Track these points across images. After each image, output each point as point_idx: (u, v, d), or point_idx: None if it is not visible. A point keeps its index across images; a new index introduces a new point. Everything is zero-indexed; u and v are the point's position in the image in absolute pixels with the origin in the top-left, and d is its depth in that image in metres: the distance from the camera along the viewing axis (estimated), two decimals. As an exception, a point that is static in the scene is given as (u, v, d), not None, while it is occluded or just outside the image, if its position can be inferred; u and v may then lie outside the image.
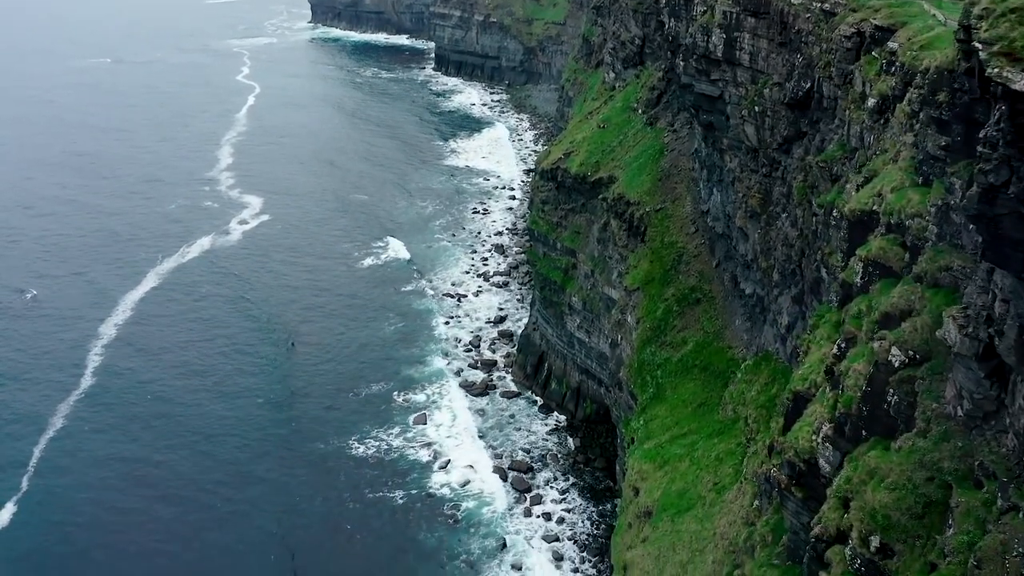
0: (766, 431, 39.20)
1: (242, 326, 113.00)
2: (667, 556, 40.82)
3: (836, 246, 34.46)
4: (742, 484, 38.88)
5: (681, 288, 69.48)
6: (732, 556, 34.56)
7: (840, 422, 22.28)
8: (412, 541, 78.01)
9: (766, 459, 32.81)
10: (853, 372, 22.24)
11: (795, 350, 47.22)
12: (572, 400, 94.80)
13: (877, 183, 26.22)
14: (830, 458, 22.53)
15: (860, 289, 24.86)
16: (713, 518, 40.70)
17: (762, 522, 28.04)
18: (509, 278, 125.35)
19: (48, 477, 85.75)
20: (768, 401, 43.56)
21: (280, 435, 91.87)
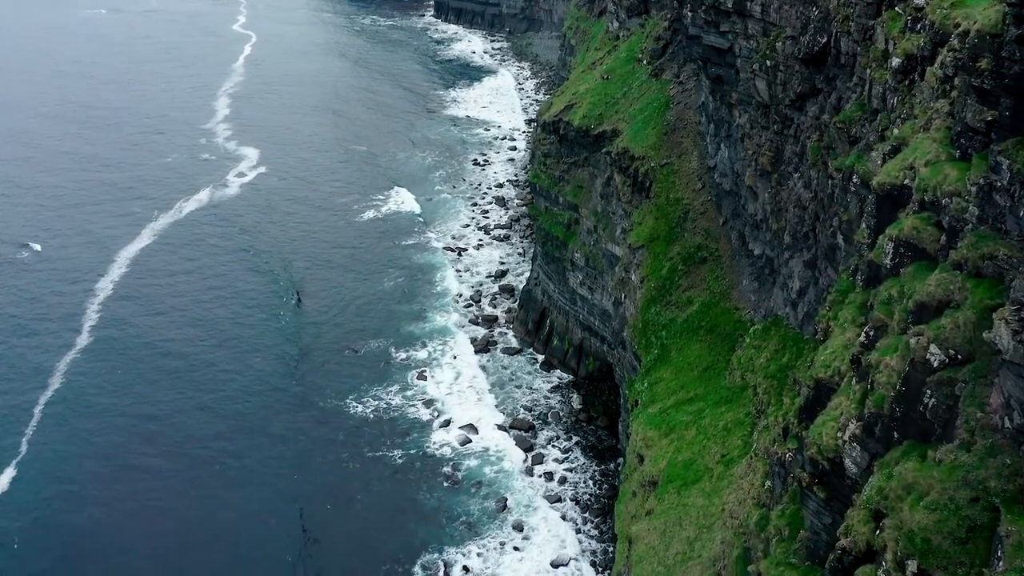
0: (778, 405, 37.68)
1: (241, 280, 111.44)
2: (673, 531, 39.59)
3: (857, 215, 32.64)
4: (752, 460, 37.51)
5: (687, 246, 67.62)
6: (742, 538, 33.26)
7: (870, 422, 20.64)
8: (412, 502, 77.12)
9: (780, 441, 31.32)
10: (885, 367, 20.54)
11: (807, 316, 45.57)
12: (574, 357, 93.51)
13: (908, 154, 24.31)
14: (857, 459, 20.96)
15: (890, 271, 23.09)
16: (721, 492, 39.43)
17: (777, 512, 26.61)
18: (510, 231, 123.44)
19: (50, 432, 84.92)
20: (779, 371, 42.04)
21: (279, 393, 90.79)
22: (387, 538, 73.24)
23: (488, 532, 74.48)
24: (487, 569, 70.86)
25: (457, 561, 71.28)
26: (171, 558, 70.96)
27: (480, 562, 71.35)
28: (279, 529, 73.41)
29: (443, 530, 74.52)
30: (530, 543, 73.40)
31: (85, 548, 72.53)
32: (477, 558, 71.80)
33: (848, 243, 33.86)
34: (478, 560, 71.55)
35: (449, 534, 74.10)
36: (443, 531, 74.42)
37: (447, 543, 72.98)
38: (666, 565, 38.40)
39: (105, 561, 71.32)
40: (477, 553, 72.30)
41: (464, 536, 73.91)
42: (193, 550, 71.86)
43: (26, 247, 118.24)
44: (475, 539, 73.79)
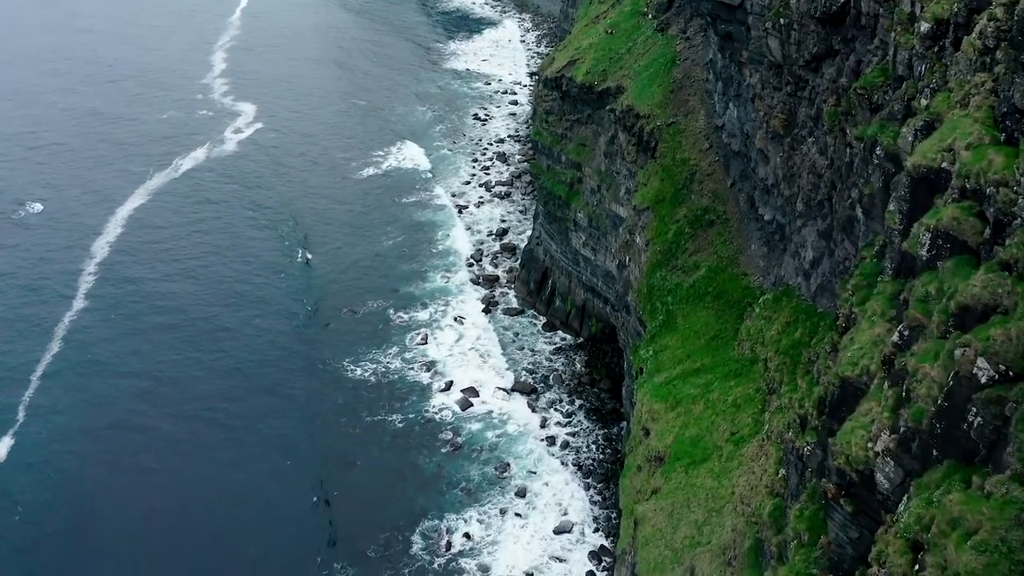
0: (791, 386, 36.15)
1: (240, 238, 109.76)
2: (681, 513, 38.27)
3: (880, 189, 30.72)
4: (764, 443, 36.07)
5: (694, 209, 65.63)
6: (754, 528, 31.89)
7: (906, 437, 18.94)
8: (412, 467, 76.04)
9: (797, 431, 29.79)
10: (925, 377, 18.79)
11: (820, 288, 43.84)
12: (577, 318, 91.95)
13: (946, 134, 22.38)
14: (891, 475, 19.32)
15: (925, 264, 21.27)
16: (730, 474, 38.04)
17: (795, 512, 25.11)
18: (511, 188, 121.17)
19: (51, 392, 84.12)
20: (792, 347, 40.38)
21: (279, 353, 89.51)
22: (387, 504, 72.24)
23: (489, 498, 73.49)
24: (488, 536, 69.95)
25: (458, 528, 70.35)
26: (169, 519, 70.03)
27: (481, 529, 70.40)
28: (277, 495, 72.40)
29: (443, 496, 73.49)
30: (532, 509, 72.43)
31: (87, 508, 71.76)
32: (478, 525, 70.86)
33: (869, 218, 32.04)
34: (479, 527, 70.61)
35: (450, 500, 73.09)
36: (443, 497, 73.40)
37: (447, 509, 72.02)
38: (673, 549, 37.14)
39: (106, 520, 70.48)
40: (478, 519, 71.35)
41: (465, 502, 72.91)
42: (192, 512, 70.94)
43: (26, 206, 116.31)
44: (476, 505, 72.80)
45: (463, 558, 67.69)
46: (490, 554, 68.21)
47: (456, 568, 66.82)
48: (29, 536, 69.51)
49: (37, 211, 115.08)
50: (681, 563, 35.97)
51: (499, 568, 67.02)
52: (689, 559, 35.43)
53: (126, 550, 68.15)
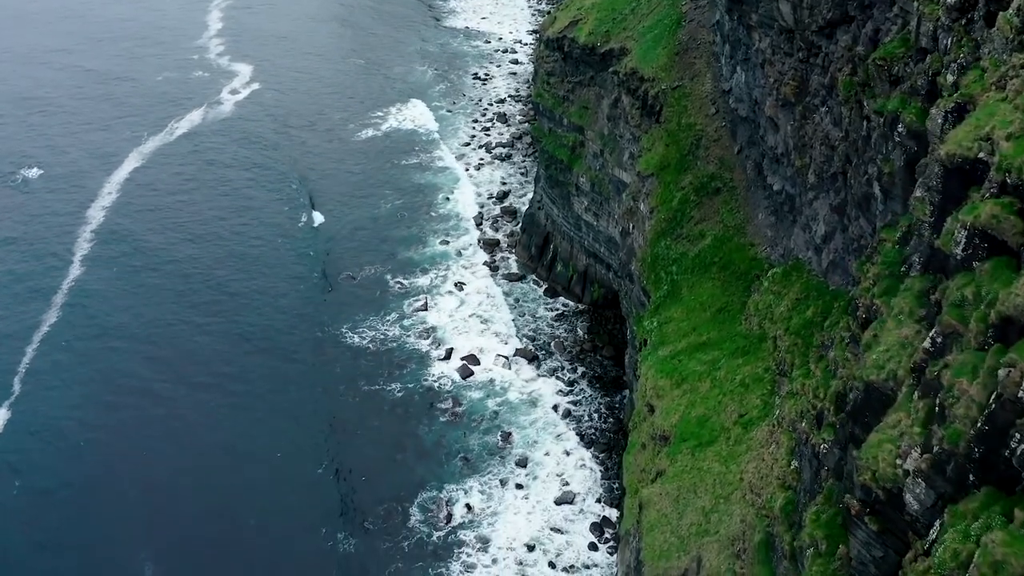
0: (803, 369, 34.75)
1: (239, 201, 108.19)
2: (687, 499, 37.13)
3: (902, 168, 29.15)
4: (775, 430, 34.81)
5: (699, 176, 63.86)
6: (765, 521, 30.73)
7: (940, 459, 17.54)
8: (411, 436, 75.06)
9: (811, 424, 28.49)
10: (963, 395, 17.31)
11: (832, 264, 42.35)
12: (579, 284, 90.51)
13: (982, 120, 20.74)
14: (921, 497, 17.92)
15: (960, 264, 19.74)
16: (739, 458, 36.83)
17: (811, 516, 23.82)
18: (512, 149, 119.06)
19: (53, 355, 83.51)
20: (803, 327, 38.93)
21: (276, 323, 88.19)
22: (387, 475, 71.35)
23: (490, 468, 72.57)
24: (488, 507, 69.09)
25: (458, 499, 69.50)
26: (169, 487, 69.21)
27: (482, 500, 69.53)
28: (278, 465, 71.45)
29: (444, 467, 72.57)
30: (533, 480, 71.53)
31: (88, 473, 71.10)
32: (479, 495, 69.99)
33: (889, 198, 30.48)
34: (480, 497, 69.74)
35: (450, 471, 72.16)
36: (444, 467, 72.48)
37: (448, 480, 71.10)
38: (679, 536, 36.05)
39: (107, 485, 69.86)
40: (479, 490, 70.48)
41: (465, 473, 72.00)
42: (190, 482, 69.92)
43: (24, 170, 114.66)
44: (476, 476, 71.89)
45: (463, 530, 66.91)
46: (490, 525, 67.41)
47: (456, 540, 66.05)
48: (31, 503, 68.86)
49: (36, 175, 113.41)
50: (687, 552, 34.90)
51: (499, 540, 66.26)
52: (696, 548, 34.35)
53: (126, 515, 67.37)
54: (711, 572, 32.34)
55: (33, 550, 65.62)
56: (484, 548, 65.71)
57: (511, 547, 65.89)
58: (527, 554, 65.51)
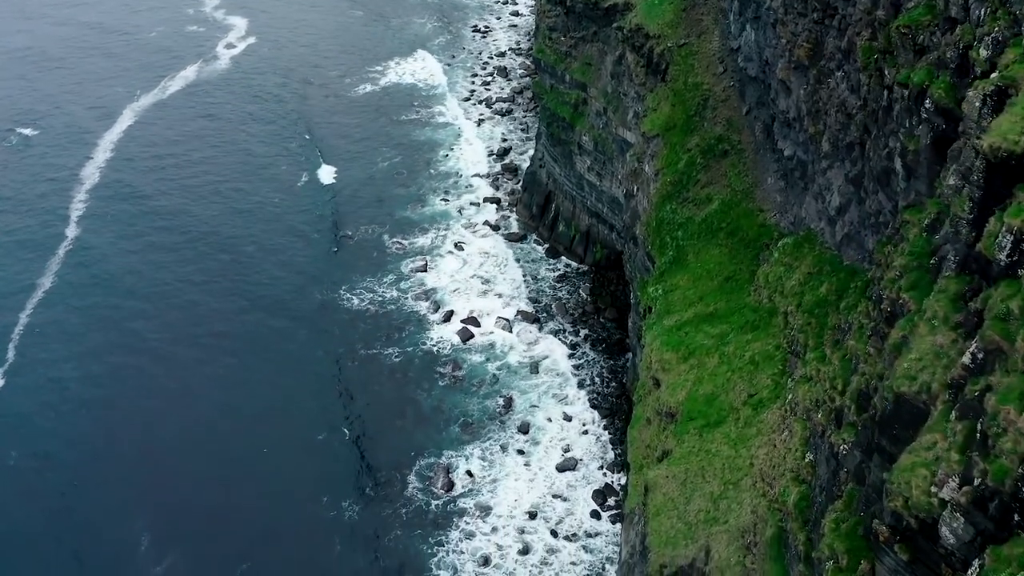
0: (818, 352, 33.26)
1: (236, 157, 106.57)
2: (695, 483, 35.91)
3: (928, 147, 27.38)
4: (787, 415, 33.43)
5: (706, 137, 61.87)
6: (777, 515, 29.48)
7: (983, 495, 16.09)
8: (411, 402, 73.99)
9: (828, 416, 27.10)
10: (1010, 427, 15.75)
11: (847, 238, 40.67)
12: (581, 244, 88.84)
13: (1027, 109, 19.07)
14: (959, 531, 16.46)
15: (1004, 271, 18.14)
16: (748, 442, 35.54)
17: (830, 524, 22.48)
18: (513, 104, 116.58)
19: (51, 314, 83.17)
20: (817, 305, 37.32)
21: (274, 284, 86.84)
22: (386, 441, 70.35)
23: (491, 434, 71.55)
24: (489, 474, 68.14)
25: (459, 465, 68.54)
26: (165, 447, 68.70)
27: (482, 466, 68.57)
28: (277, 431, 70.41)
29: (443, 432, 71.53)
30: (535, 446, 70.55)
31: (88, 429, 70.80)
32: (479, 462, 69.03)
33: (913, 177, 28.76)
34: (481, 464, 68.79)
35: (450, 437, 71.14)
36: (443, 433, 71.45)
37: (447, 446, 70.10)
38: (687, 522, 34.88)
39: (105, 443, 69.58)
40: (479, 457, 69.50)
41: (466, 438, 70.97)
42: (188, 444, 69.16)
43: (19, 129, 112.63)
44: (477, 441, 70.87)
45: (464, 498, 66.05)
46: (491, 493, 66.51)
47: (456, 508, 65.20)
48: (28, 466, 68.26)
49: (32, 133, 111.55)
50: (695, 539, 33.75)
51: (501, 508, 65.41)
52: (704, 537, 33.20)
53: (123, 478, 66.77)
54: (720, 564, 31.23)
55: (30, 516, 64.98)
56: (485, 516, 64.90)
57: (512, 515, 65.05)
58: (528, 522, 64.69)
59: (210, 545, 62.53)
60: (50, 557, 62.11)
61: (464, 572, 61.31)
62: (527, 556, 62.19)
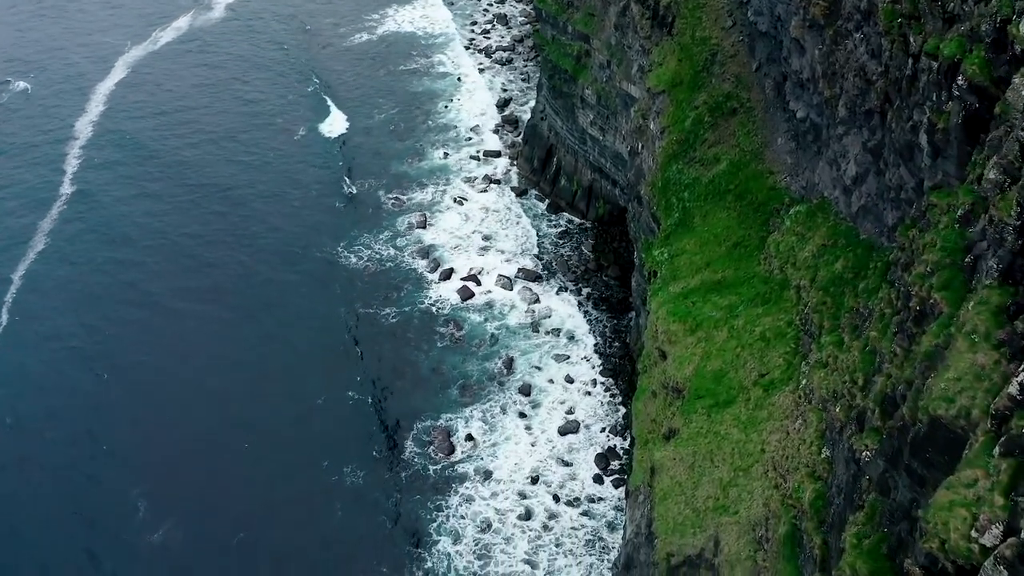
0: (834, 336, 31.71)
1: (233, 107, 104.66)
2: (703, 467, 34.62)
3: (958, 127, 25.54)
4: (800, 402, 31.97)
5: (714, 95, 59.58)
6: (791, 512, 28.17)
7: (1036, 550, 14.69)
8: (408, 363, 72.86)
9: (847, 413, 25.63)
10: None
11: (864, 210, 38.88)
12: (583, 200, 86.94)
13: (1085, 106, 17.28)
14: (1002, 582, 15.10)
15: (1056, 284, 16.62)
16: (759, 426, 34.17)
17: (850, 538, 21.07)
18: (513, 53, 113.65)
19: (49, 265, 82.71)
20: (832, 282, 35.56)
21: (269, 238, 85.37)
22: (384, 404, 69.38)
23: (491, 396, 70.43)
24: (490, 438, 67.15)
25: (459, 429, 67.53)
26: (161, 408, 68.26)
27: (483, 429, 67.57)
28: (271, 397, 69.37)
29: (443, 395, 70.43)
30: (537, 408, 69.46)
31: (83, 389, 70.18)
32: (480, 425, 68.01)
33: (942, 157, 26.96)
34: (481, 427, 67.77)
35: (450, 399, 70.05)
36: (443, 396, 70.35)
37: (447, 409, 69.04)
38: (695, 509, 33.68)
39: (102, 403, 69.03)
40: (480, 419, 68.47)
41: (466, 401, 69.92)
42: (186, 401, 68.64)
43: (15, 79, 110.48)
44: (478, 404, 69.80)
45: (465, 462, 65.18)
46: (492, 457, 65.59)
47: (457, 474, 64.33)
48: (24, 424, 67.81)
49: (26, 86, 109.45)
50: (703, 528, 32.57)
51: (502, 472, 64.52)
52: (713, 526, 32.00)
53: (120, 439, 66.33)
54: (730, 557, 30.07)
55: (26, 479, 64.32)
56: (485, 480, 64.04)
57: (513, 479, 64.19)
58: (530, 486, 63.87)
59: (208, 511, 61.89)
60: (47, 523, 61.48)
61: (465, 537, 60.62)
62: (528, 521, 61.44)
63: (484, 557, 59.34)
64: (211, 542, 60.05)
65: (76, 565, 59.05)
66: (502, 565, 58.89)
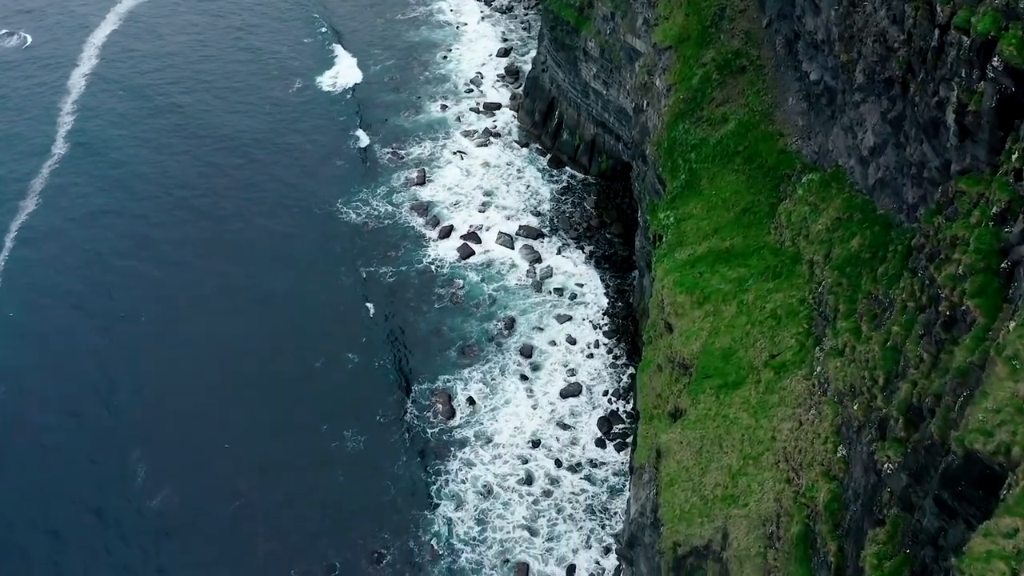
0: (850, 322, 30.27)
1: (226, 52, 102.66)
2: (711, 453, 33.46)
3: (991, 110, 23.87)
4: (814, 389, 30.65)
5: (723, 51, 57.44)
6: (804, 511, 27.00)
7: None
8: (407, 324, 71.73)
9: (865, 411, 24.33)
10: None
11: (881, 183, 37.19)
12: (586, 154, 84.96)
13: None
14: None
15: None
16: (770, 411, 32.92)
17: (871, 559, 19.90)
18: (514, 1, 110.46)
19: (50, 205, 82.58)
20: (848, 262, 33.90)
21: (269, 192, 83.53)
22: (383, 367, 68.31)
23: (491, 358, 69.34)
24: (490, 402, 66.15)
25: (459, 392, 66.53)
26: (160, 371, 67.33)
27: (484, 393, 66.56)
28: (269, 360, 68.29)
29: (439, 356, 69.29)
30: (538, 370, 68.40)
31: (82, 344, 69.54)
32: (481, 387, 67.01)
33: (971, 140, 25.32)
34: (482, 390, 66.76)
35: (448, 360, 68.96)
36: (443, 357, 69.23)
37: (447, 371, 68.01)
38: (702, 496, 32.59)
39: (100, 357, 68.53)
40: (481, 382, 67.48)
41: (466, 363, 68.88)
42: (184, 368, 67.71)
43: (16, 34, 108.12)
44: (478, 366, 68.74)
45: (465, 426, 64.34)
46: (493, 420, 64.71)
47: (457, 438, 63.57)
48: (22, 389, 67.05)
49: (19, 33, 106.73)
50: (711, 518, 31.51)
51: (502, 436, 63.70)
52: (722, 518, 30.94)
53: (117, 409, 65.47)
54: (739, 552, 29.05)
55: (25, 444, 63.60)
56: (486, 445, 63.25)
57: (514, 443, 63.34)
58: (531, 450, 63.04)
59: (206, 477, 61.09)
60: (46, 490, 60.79)
61: (466, 503, 59.93)
62: (529, 487, 60.73)
63: (484, 523, 58.74)
64: (208, 508, 59.41)
65: (75, 528, 58.46)
66: (501, 531, 58.31)
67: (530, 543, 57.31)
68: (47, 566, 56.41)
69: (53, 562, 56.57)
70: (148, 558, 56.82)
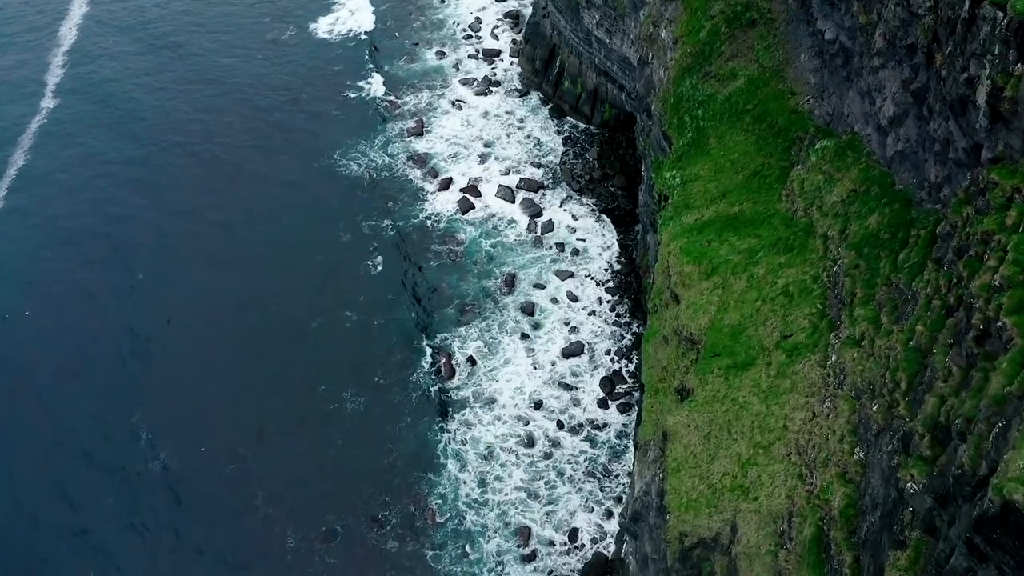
0: (868, 310, 28.83)
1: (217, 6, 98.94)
2: (720, 440, 32.33)
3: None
4: (829, 379, 29.35)
5: (732, 3, 54.98)
6: (818, 513, 25.89)
7: None
8: (409, 281, 70.83)
9: (885, 413, 23.06)
10: None
11: (901, 156, 35.43)
12: (588, 103, 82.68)
13: None
14: None
15: None
16: (781, 397, 31.68)
17: None
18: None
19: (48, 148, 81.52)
20: (865, 241, 32.25)
21: (259, 141, 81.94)
22: (381, 326, 67.19)
23: (492, 316, 68.15)
24: (491, 361, 65.13)
25: (458, 350, 65.48)
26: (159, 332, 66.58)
27: (484, 352, 65.50)
28: (268, 317, 67.30)
29: (442, 314, 68.16)
30: (539, 329, 67.25)
31: (83, 310, 68.56)
32: (481, 346, 65.96)
33: (1005, 126, 23.67)
34: (482, 349, 65.71)
35: (446, 318, 67.80)
36: (442, 315, 68.10)
37: (446, 330, 66.98)
38: (710, 485, 31.55)
39: (100, 325, 67.54)
40: (480, 340, 66.36)
41: (466, 321, 67.67)
42: (184, 327, 66.96)
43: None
44: (478, 324, 67.60)
45: (466, 387, 63.44)
46: (493, 380, 63.80)
47: (457, 399, 62.84)
48: (20, 351, 66.42)
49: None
50: (719, 509, 30.50)
51: (503, 397, 62.85)
52: (731, 510, 29.92)
53: (118, 369, 64.94)
54: (748, 550, 28.09)
55: (25, 406, 62.96)
56: (487, 406, 62.40)
57: (515, 404, 62.49)
58: (532, 411, 62.21)
59: (207, 440, 60.54)
60: (49, 451, 60.30)
61: (468, 465, 59.26)
62: (531, 448, 60.02)
63: (484, 485, 58.15)
64: (207, 471, 58.86)
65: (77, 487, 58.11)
66: (500, 494, 57.74)
67: (528, 506, 56.75)
68: (51, 527, 56.33)
69: (57, 524, 56.38)
70: (149, 520, 56.49)
